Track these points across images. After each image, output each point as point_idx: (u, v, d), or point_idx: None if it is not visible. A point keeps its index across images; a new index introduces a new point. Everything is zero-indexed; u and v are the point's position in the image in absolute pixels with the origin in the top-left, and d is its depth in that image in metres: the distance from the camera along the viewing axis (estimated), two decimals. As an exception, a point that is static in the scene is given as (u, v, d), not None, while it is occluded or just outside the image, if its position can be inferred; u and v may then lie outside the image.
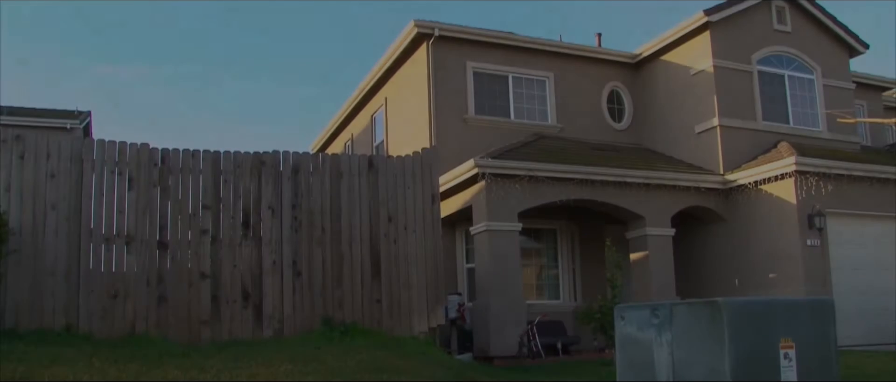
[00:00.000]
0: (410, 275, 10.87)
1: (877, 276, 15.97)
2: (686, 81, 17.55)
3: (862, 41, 18.65)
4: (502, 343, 13.76)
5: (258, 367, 7.39)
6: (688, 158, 17.25)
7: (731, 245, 16.31)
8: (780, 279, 15.16)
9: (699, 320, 5.17)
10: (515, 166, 14.42)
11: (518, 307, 14.19)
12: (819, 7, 18.17)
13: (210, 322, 9.88)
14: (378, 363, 7.92)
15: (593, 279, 16.50)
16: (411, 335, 10.62)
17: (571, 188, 14.90)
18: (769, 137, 16.93)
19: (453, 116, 16.78)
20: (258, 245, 10.29)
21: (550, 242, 17.15)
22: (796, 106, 17.76)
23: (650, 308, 5.55)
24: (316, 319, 10.28)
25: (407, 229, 10.96)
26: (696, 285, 16.65)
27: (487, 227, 14.20)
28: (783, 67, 17.76)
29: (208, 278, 9.98)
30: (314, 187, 10.69)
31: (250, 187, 10.42)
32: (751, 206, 15.99)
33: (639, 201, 15.56)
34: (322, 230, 10.58)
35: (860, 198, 15.85)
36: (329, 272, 10.51)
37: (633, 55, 18.83)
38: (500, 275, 14.12)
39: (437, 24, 16.67)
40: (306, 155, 10.86)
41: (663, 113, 18.22)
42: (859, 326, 15.23)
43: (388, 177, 11.04)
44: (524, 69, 17.79)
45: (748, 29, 17.46)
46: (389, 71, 18.73)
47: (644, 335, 5.55)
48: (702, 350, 5.13)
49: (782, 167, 15.18)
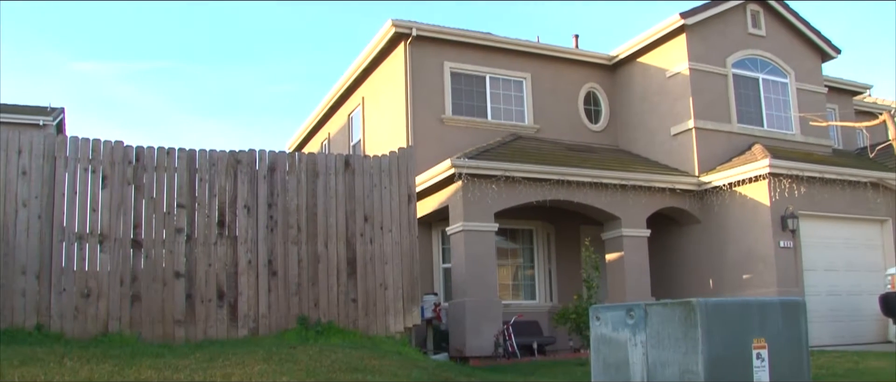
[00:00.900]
0: (386, 275, 10.86)
1: (847, 277, 16.19)
2: (662, 83, 17.67)
3: (834, 46, 18.88)
4: (478, 343, 13.78)
5: (233, 367, 7.34)
6: (663, 159, 17.37)
7: (706, 246, 16.44)
8: (753, 280, 15.31)
9: (673, 320, 5.20)
10: (492, 166, 14.45)
11: (494, 307, 14.22)
12: (793, 12, 18.37)
13: (184, 322, 9.82)
14: (353, 362, 7.90)
15: (569, 280, 16.59)
16: (387, 334, 10.62)
17: (547, 189, 14.96)
18: (743, 139, 17.09)
19: (430, 116, 16.78)
20: (234, 244, 10.24)
21: (526, 242, 17.20)
22: (770, 109, 17.94)
23: (625, 309, 5.57)
24: (291, 318, 10.26)
25: (383, 229, 10.95)
26: (671, 285, 16.77)
27: (464, 227, 14.22)
28: (757, 71, 17.93)
29: (183, 277, 9.93)
30: (290, 186, 10.65)
31: (226, 185, 10.37)
32: (725, 207, 16.14)
33: (614, 202, 15.65)
34: (298, 230, 10.55)
35: (832, 200, 16.05)
36: (305, 272, 10.48)
37: (609, 57, 18.93)
38: (476, 275, 14.14)
39: (414, 23, 16.66)
40: (282, 154, 10.82)
41: (639, 115, 18.34)
42: (830, 326, 15.45)
43: (365, 177, 11.03)
44: (502, 70, 17.83)
45: (723, 32, 17.62)
46: (367, 70, 18.70)
47: (619, 335, 5.58)
48: (676, 351, 5.16)
49: (756, 169, 15.33)
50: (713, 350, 5.07)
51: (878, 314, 14.82)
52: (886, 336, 15.73)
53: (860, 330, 15.91)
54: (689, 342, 5.09)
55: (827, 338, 14.94)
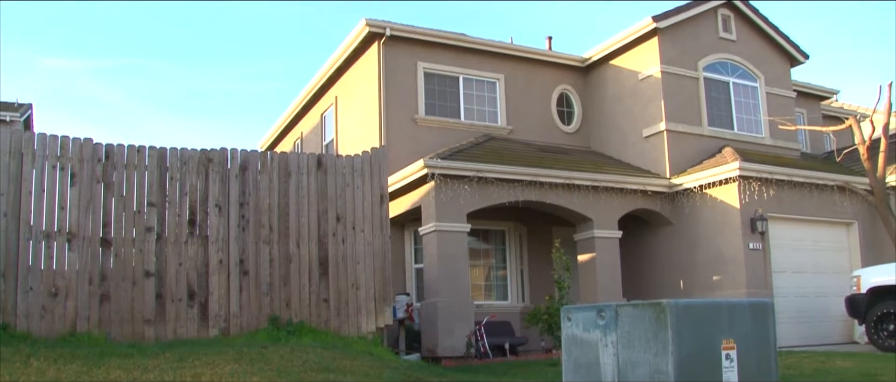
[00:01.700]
0: (358, 275, 10.84)
1: (815, 279, 16.40)
2: (634, 85, 17.79)
3: (802, 51, 19.12)
4: (450, 344, 13.79)
5: (203, 367, 7.29)
6: (635, 161, 17.48)
7: (677, 247, 16.58)
8: (723, 281, 15.46)
9: (644, 321, 5.24)
10: (464, 166, 14.46)
11: (466, 307, 14.23)
12: (763, 17, 18.59)
13: (154, 321, 9.74)
14: (325, 362, 7.88)
15: (541, 281, 16.64)
16: (359, 334, 10.60)
17: (520, 190, 15.00)
18: (714, 142, 17.25)
19: (404, 117, 16.77)
20: (205, 243, 10.17)
21: (499, 243, 17.24)
22: (740, 112, 18.13)
23: (596, 310, 5.61)
24: (263, 318, 10.20)
25: (355, 229, 10.93)
26: (642, 286, 16.89)
27: (436, 227, 14.22)
28: (728, 75, 18.11)
29: (153, 276, 9.84)
30: (262, 185, 10.60)
31: (197, 184, 10.30)
32: (696, 209, 16.28)
33: (586, 204, 15.72)
34: (270, 229, 10.50)
35: (800, 203, 16.25)
36: (276, 271, 10.43)
37: (582, 59, 19.02)
38: (449, 276, 14.15)
39: (388, 23, 16.64)
40: (254, 153, 10.77)
41: (612, 117, 18.45)
42: (798, 327, 15.64)
43: (337, 176, 11.00)
44: (475, 70, 17.86)
45: (695, 36, 17.78)
46: (340, 70, 18.65)
47: (590, 336, 5.61)
48: (646, 351, 5.20)
49: (726, 172, 15.47)
50: (683, 351, 5.12)
51: (844, 316, 14.99)
52: (852, 337, 15.92)
53: (827, 331, 16.12)
54: (660, 342, 5.13)
55: (795, 339, 15.11)
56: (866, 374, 9.28)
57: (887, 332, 13.20)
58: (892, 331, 13.14)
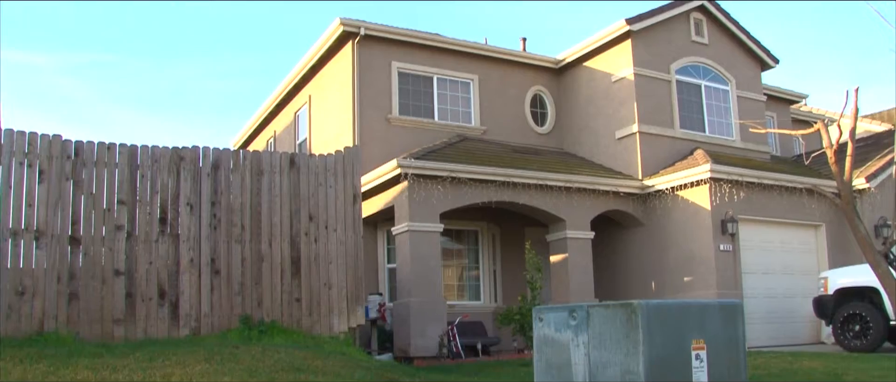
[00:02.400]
0: (331, 274, 10.81)
1: (784, 280, 16.60)
2: (607, 87, 17.89)
3: (773, 56, 19.35)
4: (423, 344, 13.78)
5: (173, 367, 7.23)
6: (608, 162, 17.58)
7: (649, 249, 16.69)
8: (694, 282, 15.59)
9: (615, 321, 5.27)
10: (438, 167, 14.47)
11: (439, 307, 14.24)
12: (734, 22, 18.78)
13: (124, 321, 9.64)
14: (296, 362, 7.84)
15: (514, 281, 16.69)
16: (331, 334, 10.57)
17: (493, 190, 15.03)
18: (686, 144, 17.39)
19: (377, 116, 16.74)
20: (175, 242, 10.09)
21: (472, 243, 17.27)
22: (712, 115, 18.30)
23: (568, 310, 5.63)
24: (234, 318, 10.14)
25: (328, 228, 10.90)
26: (614, 287, 16.99)
27: (409, 227, 14.22)
28: (700, 78, 18.27)
29: (123, 275, 9.74)
30: (234, 184, 10.53)
31: (168, 182, 10.21)
32: (667, 211, 16.40)
33: (559, 204, 15.79)
34: (242, 228, 10.44)
35: (769, 205, 16.43)
36: (248, 271, 10.37)
37: (556, 60, 19.10)
38: (422, 276, 14.14)
39: (362, 23, 16.61)
40: (227, 151, 10.70)
41: (585, 118, 18.54)
42: (767, 328, 15.83)
43: (310, 175, 10.96)
44: (449, 71, 17.87)
45: (668, 39, 17.92)
46: (314, 69, 18.58)
47: (561, 336, 5.63)
48: (617, 351, 5.23)
49: (698, 174, 15.61)
50: (654, 351, 5.15)
51: (812, 316, 15.21)
52: (819, 337, 16.15)
53: (795, 331, 16.32)
54: (631, 343, 5.16)
55: (764, 339, 15.29)
56: (832, 374, 9.42)
57: (853, 332, 13.41)
58: (857, 332, 13.34)
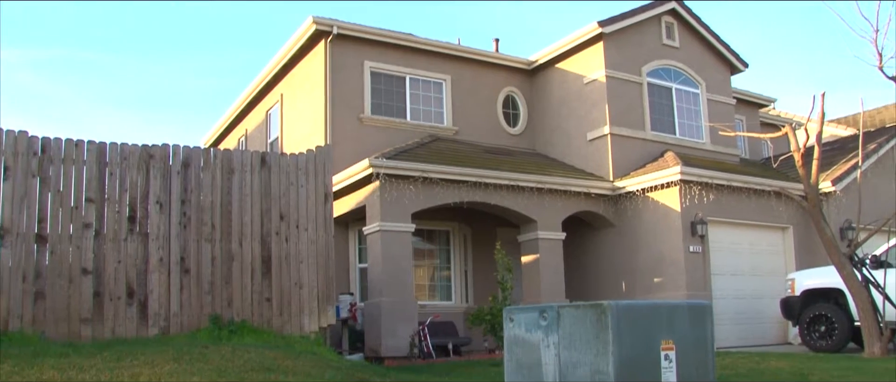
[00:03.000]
0: (302, 274, 10.76)
1: (752, 281, 16.79)
2: (579, 89, 17.98)
3: (742, 60, 19.56)
4: (394, 344, 13.77)
5: (141, 366, 7.16)
6: (579, 164, 17.67)
7: (620, 250, 16.79)
8: (664, 283, 15.71)
9: (585, 322, 5.29)
10: (410, 167, 14.46)
11: (410, 307, 14.23)
12: (705, 26, 18.96)
13: (91, 320, 9.53)
14: (266, 362, 7.80)
15: (485, 281, 16.72)
16: (302, 334, 10.52)
17: (465, 191, 15.05)
18: (656, 146, 17.53)
19: (349, 116, 16.70)
20: (145, 241, 9.99)
21: (443, 243, 17.27)
22: (682, 118, 18.45)
23: (538, 310, 5.65)
24: (204, 317, 10.06)
25: (299, 228, 10.85)
26: (585, 288, 17.08)
27: (380, 227, 14.19)
28: (671, 80, 18.42)
29: (90, 274, 9.62)
30: (205, 182, 10.45)
31: (138, 180, 10.11)
32: (638, 212, 16.51)
33: (531, 205, 15.84)
34: (212, 227, 10.36)
35: (738, 207, 16.61)
36: (218, 270, 10.29)
37: (529, 62, 19.17)
38: (393, 275, 14.13)
39: (335, 21, 16.55)
40: (197, 150, 10.61)
41: (557, 119, 18.62)
42: (736, 328, 16.00)
43: (281, 174, 10.90)
44: (422, 71, 17.86)
45: (639, 42, 18.04)
46: (286, 67, 18.49)
47: (532, 336, 5.65)
48: (587, 352, 5.26)
49: (668, 176, 15.73)
50: (623, 352, 5.18)
51: (779, 317, 15.40)
52: (787, 338, 16.36)
53: (763, 332, 16.51)
54: (600, 343, 5.19)
55: (732, 340, 15.45)
56: (798, 373, 9.54)
57: (819, 333, 13.59)
58: (823, 332, 13.53)
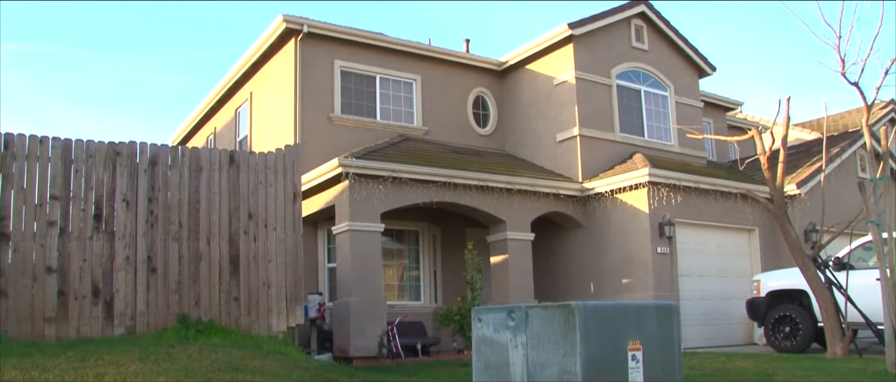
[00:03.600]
0: (270, 273, 10.70)
1: (718, 282, 16.97)
2: (549, 90, 18.06)
3: (710, 64, 19.76)
4: (362, 344, 13.74)
5: (106, 366, 7.07)
6: (549, 165, 17.75)
7: (588, 251, 16.89)
8: (632, 284, 15.82)
9: (553, 322, 5.32)
10: (379, 166, 14.44)
11: (378, 307, 14.21)
12: (674, 29, 19.13)
13: (56, 320, 9.40)
14: (234, 362, 7.74)
15: (454, 281, 16.73)
16: (270, 334, 10.46)
17: (434, 191, 15.05)
18: (625, 148, 17.65)
19: (319, 115, 16.64)
20: (111, 239, 9.88)
21: (412, 243, 17.26)
22: (651, 120, 18.60)
23: (506, 311, 5.67)
24: (171, 317, 9.97)
25: (267, 227, 10.79)
26: (554, 289, 17.15)
27: (350, 227, 14.15)
28: (640, 83, 18.56)
29: (55, 272, 9.50)
30: (172, 180, 10.36)
31: (104, 178, 10.00)
32: (607, 213, 16.62)
33: (500, 206, 15.89)
34: (179, 225, 10.27)
35: (705, 209, 16.77)
36: (186, 269, 10.21)
37: (499, 63, 19.21)
38: (362, 275, 14.10)
39: (306, 20, 16.48)
40: (165, 147, 10.52)
41: (527, 120, 18.68)
42: (702, 329, 16.15)
43: (250, 173, 10.83)
44: (392, 70, 17.84)
45: (609, 44, 18.16)
46: (256, 65, 18.37)
47: (500, 336, 5.67)
48: (555, 352, 5.29)
49: (636, 178, 15.85)
50: (591, 352, 5.22)
51: (745, 318, 15.59)
52: (752, 338, 16.57)
53: (729, 333, 16.69)
54: (568, 343, 5.22)
55: (699, 340, 15.59)
56: (763, 373, 9.66)
57: (783, 334, 13.78)
58: (788, 333, 13.71)
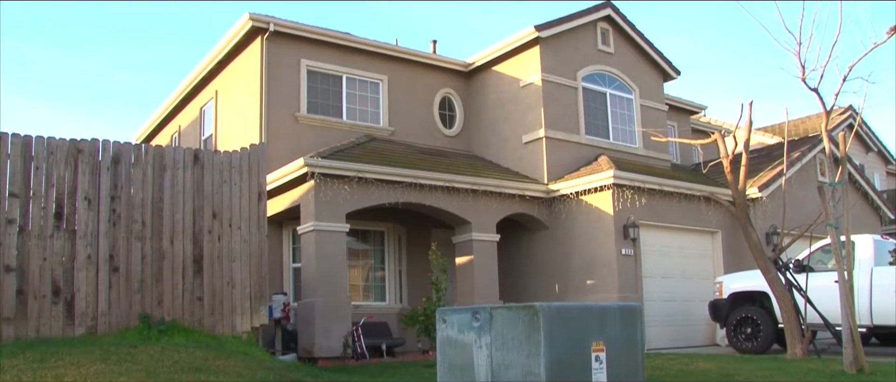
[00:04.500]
0: (234, 273, 10.62)
1: (682, 284, 17.15)
2: (515, 92, 18.13)
3: (675, 67, 19.98)
4: (327, 344, 13.69)
5: (66, 367, 6.99)
6: (514, 166, 17.81)
7: (553, 252, 16.97)
8: (597, 286, 15.93)
9: (517, 323, 5.34)
10: (345, 166, 14.39)
11: (343, 307, 14.16)
12: (639, 33, 19.31)
13: (15, 319, 9.25)
14: (197, 363, 7.68)
15: (419, 282, 16.73)
16: (234, 334, 10.39)
17: (400, 191, 15.04)
18: (591, 150, 17.78)
19: (285, 114, 16.54)
20: (72, 238, 9.74)
21: (378, 243, 17.23)
22: (616, 123, 18.75)
23: (471, 312, 5.68)
24: (133, 316, 9.86)
25: (232, 226, 10.71)
26: (519, 290, 17.21)
27: (315, 227, 14.10)
28: (605, 86, 18.71)
29: (13, 271, 9.34)
30: (136, 179, 10.25)
31: (65, 175, 9.85)
32: (572, 215, 16.72)
33: (466, 207, 15.91)
34: (143, 224, 10.16)
35: (669, 211, 16.94)
36: (149, 268, 10.10)
37: (466, 64, 19.25)
38: (327, 275, 14.05)
39: (272, 18, 16.39)
40: (128, 145, 10.39)
41: (493, 122, 18.74)
42: (666, 330, 16.32)
43: (215, 172, 10.75)
44: (359, 70, 17.80)
45: (575, 47, 18.28)
46: (221, 63, 18.22)
47: (465, 337, 5.68)
48: (519, 353, 5.31)
49: (601, 180, 15.97)
50: (554, 353, 5.25)
51: (707, 319, 15.78)
52: (714, 340, 16.76)
53: (692, 334, 16.87)
54: (532, 344, 5.25)
55: (663, 341, 15.76)
56: (725, 374, 9.79)
57: (745, 335, 13.97)
58: (749, 334, 13.91)
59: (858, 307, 12.06)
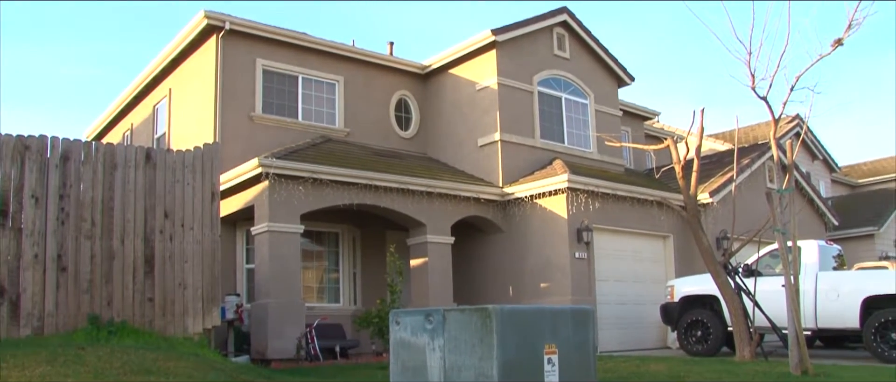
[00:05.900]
0: (186, 274, 10.51)
1: (634, 287, 17.36)
2: (471, 95, 18.20)
3: (629, 74, 20.22)
4: (280, 346, 13.59)
5: (10, 369, 6.84)
6: (470, 169, 17.87)
7: (508, 255, 17.06)
8: (551, 289, 16.04)
9: (470, 325, 5.37)
10: (299, 167, 14.32)
11: (297, 309, 14.08)
12: (594, 39, 19.51)
13: (-43, 319, 9.05)
14: (146, 364, 7.57)
15: (374, 284, 16.70)
16: (185, 335, 10.28)
17: (355, 193, 15.00)
18: (545, 154, 17.91)
19: (240, 113, 16.40)
20: (18, 236, 9.55)
21: (332, 245, 17.16)
22: (571, 127, 18.92)
23: (424, 314, 5.70)
24: (82, 317, 9.70)
25: (184, 227, 10.59)
26: (473, 292, 17.27)
27: (269, 228, 13.99)
28: (561, 90, 18.86)
29: (-43, 270, 9.14)
30: (86, 177, 10.08)
31: (11, 172, 9.66)
32: (526, 218, 16.82)
33: (420, 209, 15.92)
34: (92, 224, 10.00)
35: (622, 216, 17.13)
36: (98, 268, 9.94)
37: (422, 66, 19.26)
38: (280, 277, 13.95)
39: (228, 17, 16.23)
40: (78, 142, 10.22)
41: (449, 124, 18.78)
42: (618, 333, 16.50)
43: (167, 171, 10.62)
44: (315, 71, 17.72)
45: (531, 51, 18.40)
46: (176, 61, 17.99)
47: (418, 339, 5.69)
48: (472, 355, 5.34)
49: (556, 183, 16.09)
50: (507, 355, 5.29)
51: (659, 322, 15.99)
52: (666, 342, 16.99)
53: (644, 336, 17.08)
54: (485, 347, 5.28)
55: (615, 344, 15.93)
56: (675, 376, 9.93)
57: (695, 338, 14.19)
58: (699, 337, 14.13)
59: (804, 311, 12.33)
